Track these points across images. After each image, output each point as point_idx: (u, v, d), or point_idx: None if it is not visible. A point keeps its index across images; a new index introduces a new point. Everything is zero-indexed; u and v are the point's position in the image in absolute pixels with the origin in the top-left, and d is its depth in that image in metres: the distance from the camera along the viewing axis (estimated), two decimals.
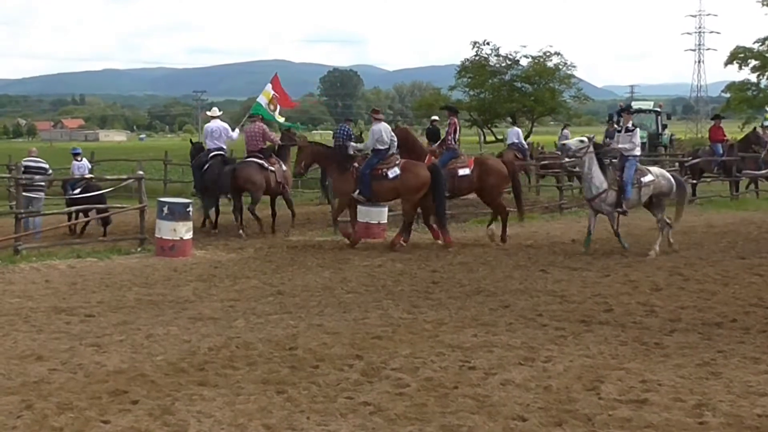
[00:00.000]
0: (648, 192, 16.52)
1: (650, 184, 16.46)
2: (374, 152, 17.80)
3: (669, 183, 16.68)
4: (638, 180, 16.38)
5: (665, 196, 16.71)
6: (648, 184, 16.45)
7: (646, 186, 16.46)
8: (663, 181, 16.62)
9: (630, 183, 16.32)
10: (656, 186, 16.52)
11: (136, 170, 19.53)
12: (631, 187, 16.32)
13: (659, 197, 16.65)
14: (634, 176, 16.35)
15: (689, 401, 7.23)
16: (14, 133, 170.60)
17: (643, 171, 16.61)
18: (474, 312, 10.99)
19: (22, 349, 9.09)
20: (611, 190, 16.29)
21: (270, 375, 8.08)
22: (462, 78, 52.54)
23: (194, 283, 13.40)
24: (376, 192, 17.67)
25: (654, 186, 16.50)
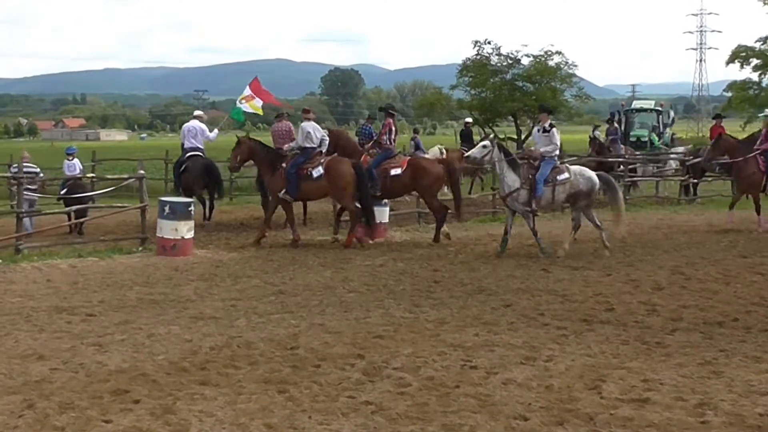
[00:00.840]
0: (564, 191, 16.35)
1: (566, 183, 16.26)
2: (302, 151, 17.89)
3: (588, 183, 16.28)
4: (553, 179, 16.26)
5: (584, 196, 16.35)
6: (563, 183, 16.27)
7: (561, 185, 16.27)
8: (581, 180, 16.29)
9: (541, 182, 16.18)
10: (572, 185, 16.31)
11: (138, 169, 19.55)
12: (543, 186, 16.19)
13: (576, 197, 16.45)
14: (550, 175, 16.25)
15: (691, 400, 7.23)
16: (15, 133, 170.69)
17: (560, 170, 16.42)
18: (476, 311, 10.99)
19: (23, 349, 9.10)
20: (523, 189, 16.24)
21: (271, 374, 8.08)
22: (463, 77, 52.45)
23: (196, 282, 13.40)
24: (304, 191, 17.80)
25: (570, 185, 16.30)
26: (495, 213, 22.95)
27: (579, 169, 16.80)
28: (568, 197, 16.52)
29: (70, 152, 23.24)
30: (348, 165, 17.75)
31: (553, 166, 16.34)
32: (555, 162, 16.46)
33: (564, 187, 16.29)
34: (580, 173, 16.51)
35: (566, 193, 16.39)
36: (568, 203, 17.00)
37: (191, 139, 21.10)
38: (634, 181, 28.93)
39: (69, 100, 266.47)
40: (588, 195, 16.37)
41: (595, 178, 16.41)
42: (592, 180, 16.35)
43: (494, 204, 23.57)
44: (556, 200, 16.69)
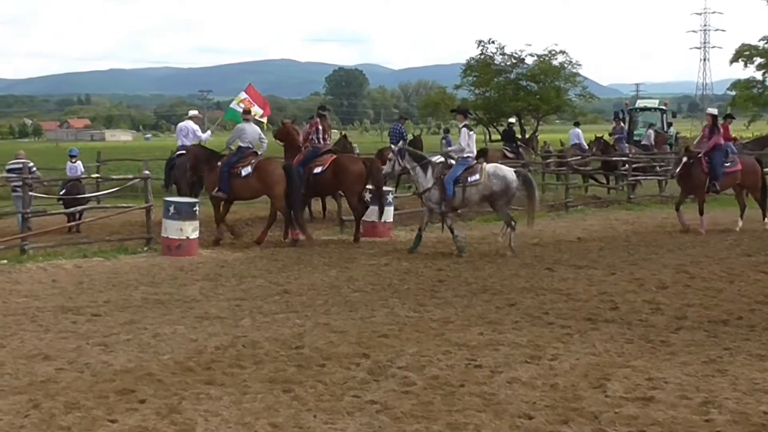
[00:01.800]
0: (477, 192, 16.47)
1: (478, 184, 16.37)
2: (237, 150, 18.17)
3: (502, 183, 16.34)
4: (464, 179, 16.38)
5: (499, 196, 16.44)
6: (475, 184, 16.38)
7: (473, 186, 16.40)
8: (494, 181, 16.35)
9: (451, 182, 16.34)
10: (486, 186, 16.39)
11: (142, 170, 19.54)
12: (454, 187, 16.34)
13: (492, 198, 16.55)
14: (461, 176, 16.37)
15: (695, 399, 7.24)
16: (20, 133, 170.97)
17: (473, 171, 16.48)
18: (480, 310, 11.00)
19: (29, 349, 9.12)
20: (434, 188, 16.44)
21: (277, 374, 8.10)
22: (467, 77, 52.43)
23: (201, 282, 13.42)
24: (235, 190, 17.93)
25: (483, 186, 16.39)
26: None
27: (493, 170, 16.72)
28: (482, 198, 16.67)
29: (72, 154, 23.66)
30: (277, 165, 18.12)
31: (466, 166, 16.46)
32: (468, 163, 16.55)
33: (477, 188, 16.44)
34: (494, 174, 16.51)
35: (479, 195, 16.55)
36: (486, 203, 17.09)
37: (182, 138, 21.46)
38: (637, 180, 28.92)
39: (74, 101, 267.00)
40: (504, 194, 16.45)
41: (511, 177, 16.48)
42: (506, 179, 16.40)
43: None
44: (469, 201, 16.76)
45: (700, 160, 18.90)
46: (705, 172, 18.90)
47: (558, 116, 56.58)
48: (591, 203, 26.18)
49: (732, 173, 19.16)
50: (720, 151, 19.07)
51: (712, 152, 18.89)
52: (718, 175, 18.86)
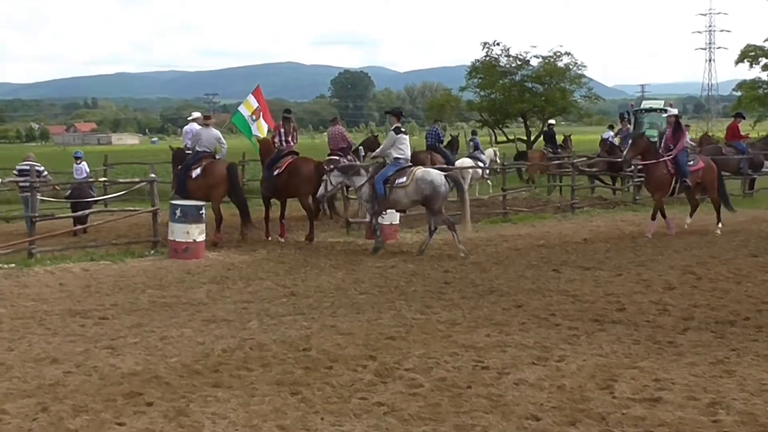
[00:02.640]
0: (405, 195, 16.73)
1: (404, 186, 16.63)
2: (194, 154, 19.03)
3: (430, 187, 16.49)
4: (393, 181, 16.72)
5: (430, 200, 16.57)
6: (402, 186, 16.65)
7: (400, 188, 16.69)
8: (422, 186, 16.51)
9: (380, 182, 16.72)
10: (414, 190, 16.62)
11: (149, 173, 19.58)
12: (383, 187, 16.73)
13: (424, 202, 16.76)
14: (391, 177, 16.72)
15: (703, 399, 7.24)
16: (27, 137, 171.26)
17: (402, 173, 16.73)
18: (487, 312, 11.00)
19: (37, 352, 9.14)
20: (367, 186, 16.99)
21: (284, 376, 8.11)
22: (472, 78, 52.45)
23: (208, 285, 13.44)
24: (189, 191, 18.30)
25: (411, 190, 16.60)
26: (506, 214, 22.94)
27: (421, 174, 16.79)
28: (412, 201, 16.93)
29: (77, 156, 24.51)
30: (222, 166, 18.58)
31: (396, 168, 16.76)
32: (399, 165, 16.89)
33: (404, 190, 16.72)
34: (422, 178, 16.62)
35: (408, 198, 16.81)
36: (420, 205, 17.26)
37: (186, 141, 21.69)
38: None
39: (80, 105, 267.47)
40: (434, 198, 16.55)
41: (439, 181, 16.59)
42: (434, 183, 16.52)
43: (504, 205, 23.56)
44: (397, 202, 16.99)
45: (666, 161, 18.67)
46: (671, 173, 18.71)
47: (563, 117, 56.49)
48: (597, 204, 26.17)
49: (695, 171, 19.00)
50: (684, 150, 18.96)
51: (678, 152, 18.71)
52: (687, 172, 18.69)
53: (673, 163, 18.69)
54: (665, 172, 18.69)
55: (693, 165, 19.02)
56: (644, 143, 19.09)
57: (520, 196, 27.53)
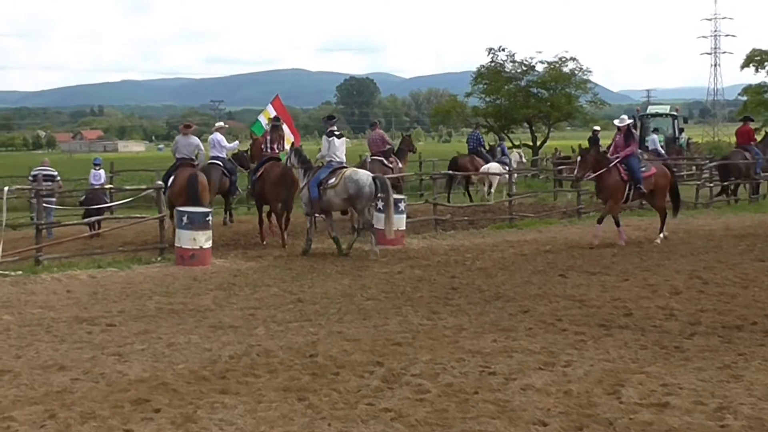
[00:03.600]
0: (334, 195, 17.44)
1: (334, 187, 17.37)
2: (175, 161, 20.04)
3: (355, 186, 17.16)
4: (325, 183, 17.46)
5: (356, 200, 17.26)
6: (332, 186, 17.40)
7: (331, 188, 17.42)
8: (349, 185, 17.21)
9: (315, 185, 17.54)
10: (342, 190, 17.31)
11: (155, 180, 19.63)
12: (317, 190, 17.51)
13: (350, 202, 17.46)
14: (324, 179, 17.48)
15: (710, 404, 7.22)
16: (34, 145, 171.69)
17: (333, 174, 17.39)
18: (493, 317, 11.00)
19: (44, 359, 9.15)
20: (305, 189, 17.68)
21: (291, 382, 8.11)
22: (478, 84, 52.47)
23: (214, 291, 13.45)
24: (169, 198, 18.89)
25: (340, 190, 17.33)
26: (512, 219, 22.93)
27: (349, 173, 17.52)
28: (343, 201, 17.53)
29: (96, 162, 25.91)
30: (185, 173, 19.04)
31: (330, 170, 17.53)
32: (332, 167, 17.64)
33: (335, 191, 17.39)
34: (349, 178, 17.36)
35: (338, 198, 17.47)
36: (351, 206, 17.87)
37: (211, 150, 22.53)
38: None
39: (87, 112, 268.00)
40: (359, 198, 17.23)
41: (364, 181, 17.26)
42: (359, 183, 17.19)
43: (511, 211, 23.56)
44: (330, 203, 17.72)
45: (617, 167, 18.39)
46: (624, 180, 18.40)
47: (569, 123, 56.51)
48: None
49: (647, 178, 18.64)
50: (635, 157, 18.70)
51: (628, 158, 18.45)
52: (640, 178, 18.35)
53: (626, 170, 18.40)
54: (618, 179, 18.37)
55: (645, 171, 18.65)
56: (592, 157, 18.77)
57: (526, 202, 27.52)
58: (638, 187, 18.40)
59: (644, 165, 18.99)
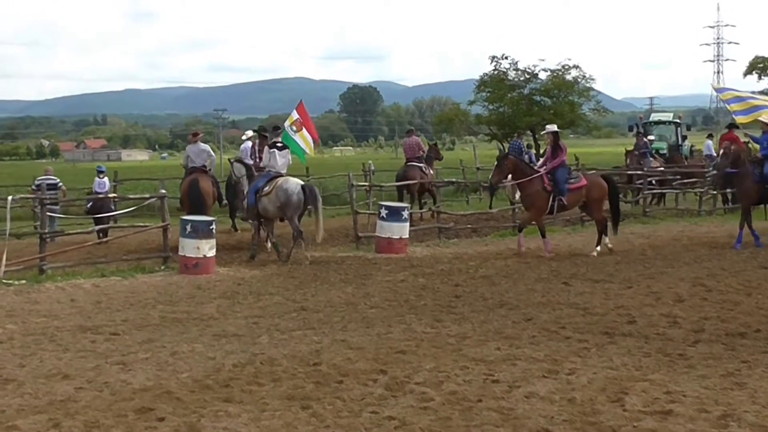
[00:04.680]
0: (268, 202, 18.12)
1: (267, 195, 18.10)
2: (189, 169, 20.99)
3: (285, 195, 17.88)
4: (262, 191, 18.17)
5: (286, 208, 17.92)
6: (266, 195, 18.11)
7: (265, 196, 18.12)
8: (279, 192, 17.94)
9: (253, 193, 18.31)
10: (275, 198, 18.02)
11: (159, 189, 19.70)
12: (254, 197, 18.24)
13: (281, 209, 18.07)
14: (261, 188, 18.19)
15: (714, 412, 7.22)
16: (38, 154, 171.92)
17: (269, 183, 18.05)
18: (497, 325, 11.00)
19: (48, 368, 9.16)
20: (245, 197, 18.68)
21: (295, 391, 8.11)
22: (481, 92, 52.50)
23: (218, 300, 13.46)
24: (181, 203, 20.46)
25: (273, 197, 18.04)
26: (515, 227, 22.91)
27: (281, 182, 18.19)
28: (276, 209, 18.07)
29: (100, 170, 26.42)
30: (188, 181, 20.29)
31: (267, 179, 18.33)
32: (269, 176, 18.39)
33: (268, 198, 18.18)
34: (279, 186, 18.08)
35: (272, 205, 18.15)
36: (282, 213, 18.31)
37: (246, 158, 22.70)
38: (655, 194, 28.93)
39: (90, 121, 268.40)
40: (287, 206, 17.91)
41: (292, 190, 17.95)
42: (287, 192, 17.90)
43: (514, 218, 23.56)
44: (266, 211, 18.33)
45: (542, 178, 18.13)
46: (547, 191, 18.11)
47: (572, 131, 56.53)
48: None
49: (577, 189, 18.33)
50: (564, 167, 18.44)
51: (555, 169, 18.21)
52: (564, 191, 18.06)
53: (550, 180, 18.13)
54: (540, 188, 18.12)
55: (574, 183, 18.35)
56: (510, 163, 18.51)
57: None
58: (560, 199, 18.13)
59: (574, 177, 18.63)
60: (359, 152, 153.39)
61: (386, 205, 19.55)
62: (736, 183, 19.32)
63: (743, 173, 18.74)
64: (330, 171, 41.35)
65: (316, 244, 18.50)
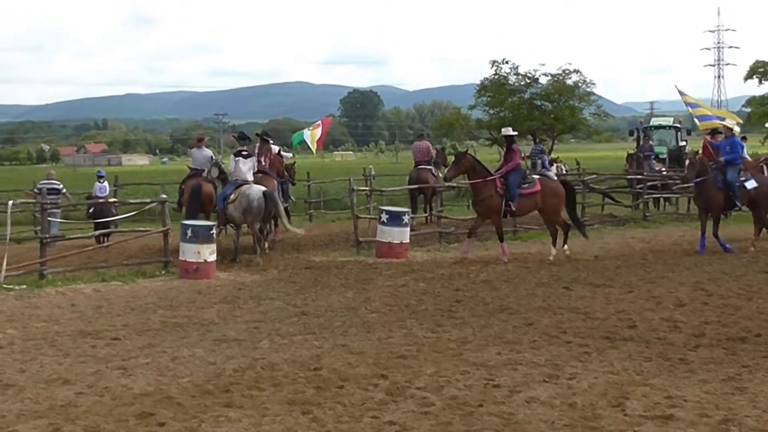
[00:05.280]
0: (233, 209, 18.84)
1: (233, 202, 18.85)
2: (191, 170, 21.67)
3: (246, 201, 18.60)
4: (228, 198, 18.93)
5: (247, 214, 18.61)
6: (231, 202, 18.87)
7: (231, 203, 18.88)
8: (242, 199, 18.68)
9: (221, 200, 19.18)
10: (238, 203, 18.74)
11: (159, 194, 19.68)
12: (223, 204, 19.04)
13: (243, 215, 18.69)
14: (228, 195, 19.02)
15: (715, 416, 7.21)
16: (38, 159, 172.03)
17: (235, 191, 18.94)
18: (498, 330, 10.99)
19: (49, 373, 9.16)
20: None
21: (295, 395, 8.10)
22: (482, 97, 52.64)
23: (218, 305, 13.46)
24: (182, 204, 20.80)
25: (237, 203, 18.75)
26: (516, 232, 22.93)
27: (243, 189, 18.92)
28: (241, 214, 18.78)
29: (100, 175, 26.98)
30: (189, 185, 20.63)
31: (234, 187, 19.09)
32: (237, 183, 19.16)
33: (233, 205, 18.86)
34: (242, 193, 18.82)
35: (237, 212, 18.82)
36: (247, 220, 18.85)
37: None
38: (656, 198, 28.95)
39: (91, 126, 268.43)
40: (248, 212, 18.61)
41: (252, 196, 18.62)
42: (248, 198, 18.62)
43: (515, 223, 23.55)
44: (232, 217, 19.05)
45: (494, 182, 18.01)
46: (500, 195, 17.97)
47: (573, 135, 56.58)
48: (607, 222, 26.15)
49: (530, 195, 18.18)
50: (517, 172, 18.25)
51: (508, 173, 18.08)
52: (514, 196, 17.92)
53: (503, 184, 18.01)
54: (493, 193, 18.03)
55: (527, 188, 18.17)
56: (468, 162, 18.40)
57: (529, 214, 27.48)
58: (508, 204, 18.02)
59: (528, 181, 18.42)
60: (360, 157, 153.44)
61: (387, 209, 19.58)
62: (700, 192, 18.82)
63: (708, 181, 18.50)
64: (331, 175, 41.41)
65: (316, 248, 18.53)
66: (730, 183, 18.45)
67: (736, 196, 18.48)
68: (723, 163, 18.65)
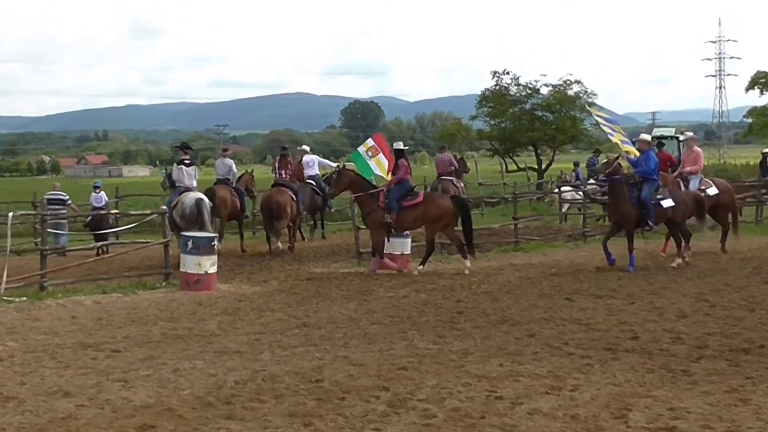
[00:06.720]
0: (176, 215, 19.96)
1: (176, 208, 20.06)
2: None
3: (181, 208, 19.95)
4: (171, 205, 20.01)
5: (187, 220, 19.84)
6: (174, 208, 19.99)
7: (174, 210, 19.93)
8: (179, 206, 19.96)
9: (169, 206, 19.80)
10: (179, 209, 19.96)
11: (160, 205, 19.74)
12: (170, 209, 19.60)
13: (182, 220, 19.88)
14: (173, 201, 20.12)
15: (718, 428, 7.19)
16: (38, 170, 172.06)
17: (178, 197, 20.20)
18: (499, 341, 10.97)
19: (49, 386, 9.13)
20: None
21: (297, 407, 8.08)
22: (483, 107, 52.55)
23: (219, 316, 13.44)
24: None
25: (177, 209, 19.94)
26: (517, 243, 22.92)
27: (182, 197, 20.35)
28: (180, 219, 20.00)
29: (96, 185, 27.57)
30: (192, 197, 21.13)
31: (178, 194, 20.43)
32: (179, 191, 20.59)
33: (175, 210, 20.01)
34: (180, 201, 20.27)
35: (178, 216, 20.02)
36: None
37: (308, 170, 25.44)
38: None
39: (91, 137, 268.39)
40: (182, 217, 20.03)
41: (187, 204, 20.04)
42: (183, 206, 20.09)
43: (516, 234, 23.56)
44: (176, 223, 20.12)
45: (377, 195, 18.01)
46: (382, 208, 17.93)
47: (574, 146, 56.53)
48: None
49: (411, 207, 17.99)
50: (401, 185, 18.11)
51: (392, 186, 18.05)
52: (393, 208, 17.78)
53: (386, 198, 17.98)
54: (376, 207, 18.02)
55: (410, 200, 18.03)
56: (349, 177, 18.53)
57: (531, 225, 27.52)
58: (388, 216, 17.92)
59: (412, 194, 18.24)
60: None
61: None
62: (614, 207, 18.20)
63: (621, 197, 17.71)
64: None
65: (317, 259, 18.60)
66: (644, 201, 17.62)
67: (649, 215, 17.62)
68: (638, 179, 17.76)
